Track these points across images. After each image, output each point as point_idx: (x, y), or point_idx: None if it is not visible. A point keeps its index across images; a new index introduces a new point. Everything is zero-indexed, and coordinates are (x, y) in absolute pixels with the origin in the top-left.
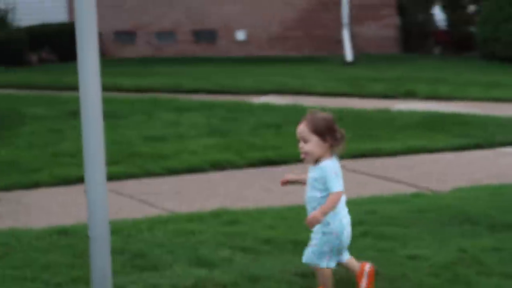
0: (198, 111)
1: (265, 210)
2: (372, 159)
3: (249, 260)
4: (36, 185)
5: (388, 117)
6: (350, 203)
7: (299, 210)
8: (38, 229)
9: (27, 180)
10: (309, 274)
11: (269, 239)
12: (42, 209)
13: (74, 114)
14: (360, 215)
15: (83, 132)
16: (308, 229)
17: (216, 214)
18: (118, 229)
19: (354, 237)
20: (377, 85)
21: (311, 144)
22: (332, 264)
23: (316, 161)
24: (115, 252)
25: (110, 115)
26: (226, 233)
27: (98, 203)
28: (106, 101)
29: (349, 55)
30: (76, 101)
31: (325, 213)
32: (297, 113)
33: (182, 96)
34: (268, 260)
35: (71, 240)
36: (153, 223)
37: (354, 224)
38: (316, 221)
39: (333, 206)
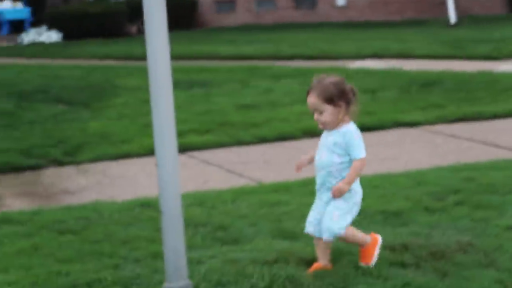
0: (294, 78)
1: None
2: (472, 123)
3: None
4: (125, 156)
5: (490, 79)
6: (447, 170)
7: (392, 179)
8: (121, 202)
9: (116, 151)
10: (399, 248)
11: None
12: (128, 181)
13: None
14: (457, 182)
15: (152, 104)
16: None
17: (303, 184)
18: (202, 201)
19: (449, 206)
20: (480, 47)
21: (327, 114)
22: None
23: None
24: (198, 224)
25: (205, 83)
26: (312, 204)
27: (169, 177)
28: (203, 70)
29: (452, 17)
30: (173, 71)
31: (351, 183)
32: (395, 77)
33: (280, 62)
34: None
35: (154, 213)
36: (238, 194)
37: (450, 192)
38: (342, 192)
39: (359, 175)
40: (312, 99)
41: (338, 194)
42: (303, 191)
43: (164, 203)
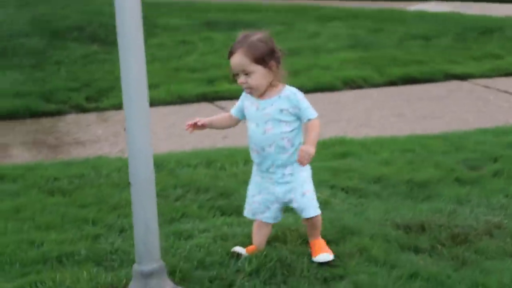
0: (343, 21)
1: (386, 140)
2: None
3: (348, 204)
4: (150, 102)
5: None
6: (492, 133)
7: (427, 141)
8: (126, 159)
9: None
10: (415, 228)
11: (380, 177)
12: None
13: (209, 24)
14: (499, 149)
15: (120, 56)
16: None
17: (328, 144)
18: (212, 161)
19: (484, 177)
20: None
21: (256, 77)
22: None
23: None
24: (199, 189)
25: (248, 25)
26: (332, 169)
27: (138, 141)
28: (248, 9)
29: None
30: (216, 10)
31: (315, 144)
32: (453, 23)
33: (331, 2)
34: (370, 206)
35: (161, 174)
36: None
37: (488, 160)
38: (311, 155)
39: (318, 131)
40: (238, 59)
41: (307, 157)
42: (326, 153)
43: (133, 172)
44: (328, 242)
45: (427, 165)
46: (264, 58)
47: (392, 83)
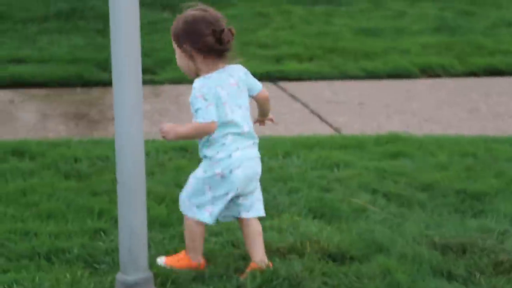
0: (433, 1)
1: (448, 140)
2: None
3: (386, 213)
4: None
5: None
6: None
7: (494, 145)
8: (160, 141)
9: None
10: (455, 249)
11: (430, 184)
12: None
13: None
14: None
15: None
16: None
17: (381, 141)
18: None
19: None
20: None
21: (176, 55)
22: (207, 218)
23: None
24: None
25: (330, 1)
26: (379, 170)
27: (127, 133)
28: None
29: None
30: None
31: (180, 133)
32: None
33: None
34: (410, 218)
35: (191, 163)
36: (297, 146)
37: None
38: (163, 132)
39: (194, 133)
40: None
41: (162, 131)
42: (376, 151)
43: (120, 169)
44: (352, 259)
45: (487, 174)
46: (179, 38)
47: (473, 73)
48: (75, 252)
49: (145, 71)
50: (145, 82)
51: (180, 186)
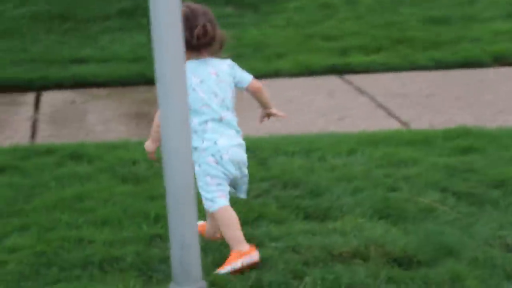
0: None
1: None
2: None
3: (456, 213)
4: (273, 74)
5: None
6: None
7: None
8: None
9: (264, 67)
10: None
11: (504, 180)
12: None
13: None
14: None
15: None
16: None
17: (450, 136)
18: (311, 149)
19: None
20: None
21: None
22: (222, 201)
23: None
24: (287, 184)
25: None
26: (448, 167)
27: (174, 139)
28: None
29: None
30: None
31: (153, 138)
32: None
33: None
34: (482, 217)
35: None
36: (362, 143)
37: None
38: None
39: (154, 128)
40: None
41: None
42: (446, 146)
43: (169, 177)
44: (419, 263)
45: None
46: None
47: None
48: (129, 260)
49: None
50: None
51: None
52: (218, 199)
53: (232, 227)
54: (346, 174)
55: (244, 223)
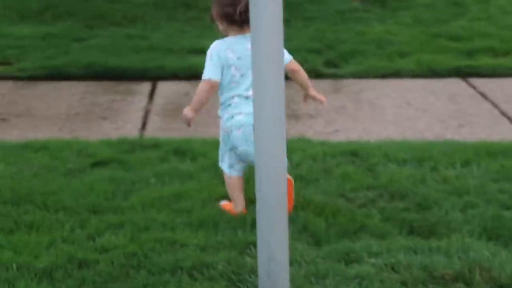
0: None
1: None
2: None
3: None
4: (394, 74)
5: None
6: None
7: None
8: (334, 142)
9: (385, 66)
10: None
11: None
12: (369, 110)
13: None
14: None
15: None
16: None
17: None
18: (426, 157)
19: None
20: None
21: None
22: (231, 172)
23: None
24: (394, 195)
25: None
26: None
27: (268, 147)
28: None
29: None
30: None
31: (192, 107)
32: None
33: None
34: None
35: (358, 169)
36: (479, 154)
37: None
38: (184, 116)
39: (198, 97)
40: None
41: (183, 117)
42: None
43: (260, 186)
44: None
45: None
46: (213, 8)
47: None
48: (220, 269)
49: (327, 64)
50: (326, 76)
51: (344, 196)
52: (224, 163)
53: (235, 192)
54: (458, 187)
55: (344, 234)
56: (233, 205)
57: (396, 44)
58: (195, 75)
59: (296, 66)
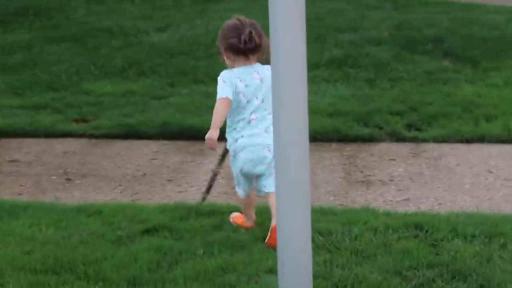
0: None
1: None
2: None
3: None
4: (478, 139)
5: None
6: None
7: None
8: (398, 214)
9: (469, 130)
10: None
11: None
12: (447, 178)
13: None
14: None
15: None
16: None
17: None
18: (498, 232)
19: None
20: None
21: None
22: (240, 192)
23: None
24: (455, 275)
25: None
26: None
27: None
28: None
29: None
30: None
31: (213, 126)
32: None
33: None
34: None
35: (419, 244)
36: None
37: None
38: (208, 140)
39: (218, 114)
40: None
41: (206, 142)
42: None
43: (282, 261)
44: None
45: None
46: (219, 41)
47: None
48: None
49: (409, 127)
50: (407, 140)
51: (401, 274)
52: (239, 188)
53: (247, 209)
54: None
55: None
56: (245, 219)
57: (483, 106)
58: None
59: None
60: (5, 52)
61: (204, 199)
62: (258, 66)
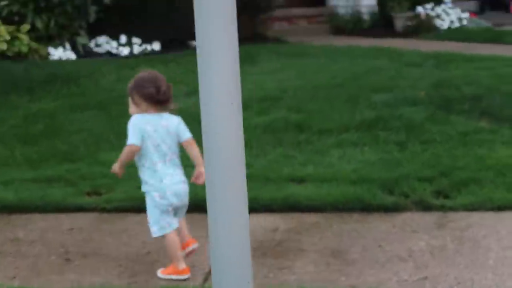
0: None
1: None
2: None
3: None
4: (509, 206)
5: None
6: None
7: None
8: None
9: (504, 196)
10: None
11: None
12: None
13: None
14: None
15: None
16: None
17: None
18: None
19: None
20: None
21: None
22: (170, 229)
23: None
24: None
25: None
26: None
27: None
28: None
29: None
30: None
31: (119, 164)
32: None
33: None
34: None
35: None
36: None
37: None
38: (113, 170)
39: (123, 157)
40: None
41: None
42: None
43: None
44: None
45: None
46: (131, 90)
47: None
48: None
49: (437, 194)
50: (433, 209)
51: None
52: (164, 228)
53: (176, 249)
54: None
55: None
56: (176, 265)
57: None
58: (291, 206)
59: (192, 142)
60: (28, 122)
61: (206, 278)
62: (166, 114)
